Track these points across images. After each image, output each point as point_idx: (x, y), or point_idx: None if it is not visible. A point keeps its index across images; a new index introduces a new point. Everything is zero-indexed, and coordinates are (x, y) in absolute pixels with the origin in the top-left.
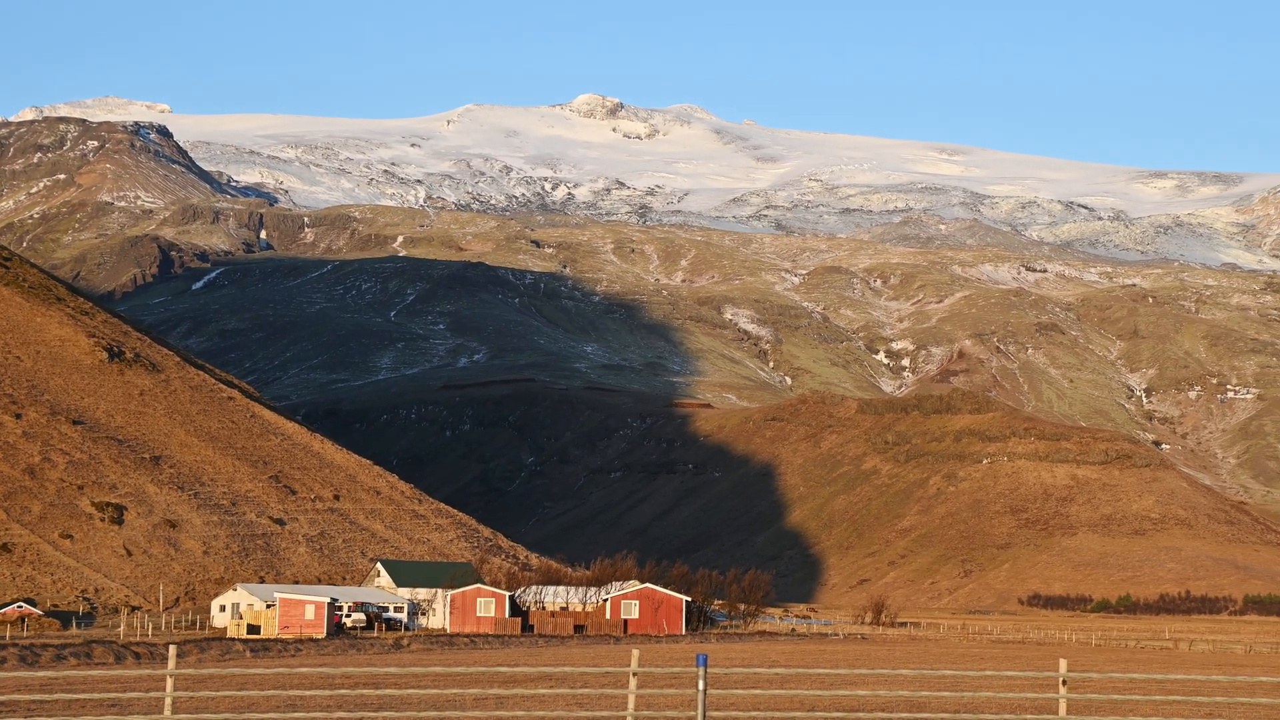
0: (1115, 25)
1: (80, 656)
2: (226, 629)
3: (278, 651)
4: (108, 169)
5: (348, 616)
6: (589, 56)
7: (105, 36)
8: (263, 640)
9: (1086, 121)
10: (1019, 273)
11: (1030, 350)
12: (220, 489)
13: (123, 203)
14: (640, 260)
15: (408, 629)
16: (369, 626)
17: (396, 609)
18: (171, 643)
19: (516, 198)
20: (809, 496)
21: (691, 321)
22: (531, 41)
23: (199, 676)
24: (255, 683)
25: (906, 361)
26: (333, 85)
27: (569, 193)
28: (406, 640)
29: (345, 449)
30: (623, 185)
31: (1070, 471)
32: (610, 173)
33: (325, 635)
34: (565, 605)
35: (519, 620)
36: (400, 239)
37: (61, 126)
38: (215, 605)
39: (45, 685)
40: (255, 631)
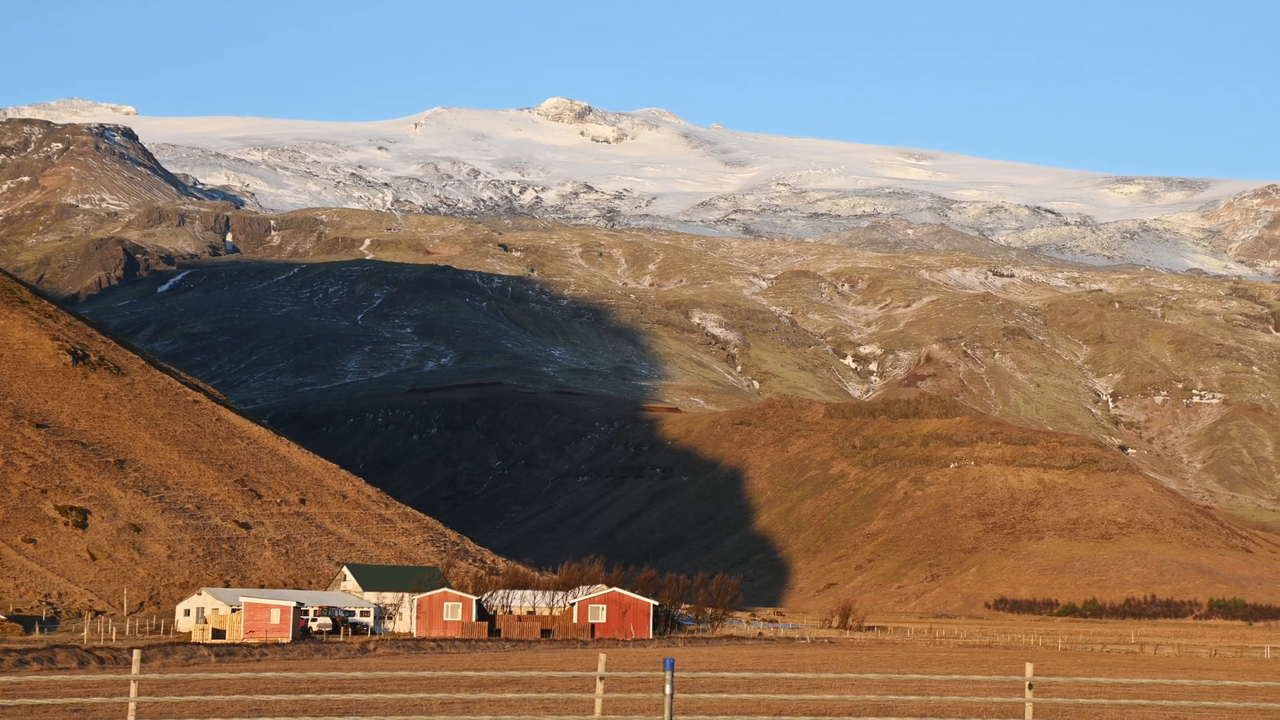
0: (1082, 31)
1: (43, 661)
2: (191, 633)
3: (243, 656)
4: (72, 171)
5: (314, 621)
6: (557, 60)
7: (70, 37)
8: (228, 645)
9: (1053, 127)
10: (986, 277)
11: (997, 355)
12: (185, 493)
13: (87, 205)
14: (608, 264)
15: (374, 633)
16: (335, 631)
17: (363, 613)
18: (136, 647)
19: (484, 201)
20: (776, 501)
21: (659, 325)
22: (499, 45)
23: (163, 681)
24: (220, 687)
25: (874, 366)
26: (299, 88)
27: (537, 196)
28: (373, 644)
29: (312, 453)
30: (591, 189)
31: (1037, 476)
32: (578, 176)
33: (291, 640)
34: (532, 609)
35: (486, 624)
36: (367, 242)
37: (25, 128)
38: (180, 610)
39: (7, 690)
40: (220, 636)
